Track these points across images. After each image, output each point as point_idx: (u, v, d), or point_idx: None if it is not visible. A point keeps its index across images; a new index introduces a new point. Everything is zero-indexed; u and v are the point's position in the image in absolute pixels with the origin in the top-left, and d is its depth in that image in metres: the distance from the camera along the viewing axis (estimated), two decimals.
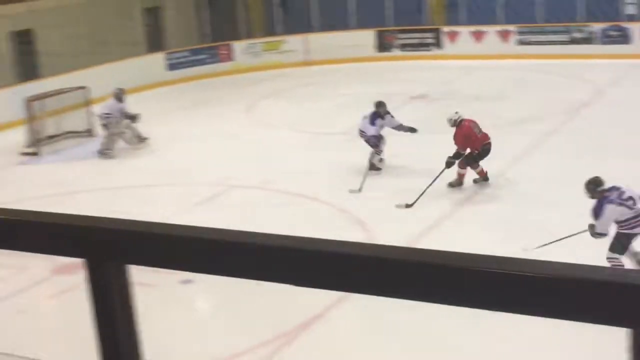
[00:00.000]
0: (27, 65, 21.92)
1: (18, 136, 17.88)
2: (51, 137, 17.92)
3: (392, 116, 14.25)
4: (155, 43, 26.23)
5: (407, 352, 8.08)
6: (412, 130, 14.29)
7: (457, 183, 12.94)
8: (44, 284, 10.57)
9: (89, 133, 18.47)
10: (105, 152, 16.69)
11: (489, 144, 12.87)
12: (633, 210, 9.00)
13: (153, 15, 26.97)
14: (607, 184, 9.16)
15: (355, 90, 21.07)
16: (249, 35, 27.81)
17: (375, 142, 13.90)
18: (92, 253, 1.26)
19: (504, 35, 24.90)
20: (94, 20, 23.95)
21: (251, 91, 22.62)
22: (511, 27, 24.81)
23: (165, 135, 17.43)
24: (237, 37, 27.03)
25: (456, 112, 13.10)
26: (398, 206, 12.17)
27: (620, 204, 8.98)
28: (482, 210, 12.08)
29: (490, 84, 20.81)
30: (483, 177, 13.02)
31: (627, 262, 9.19)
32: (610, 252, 9.09)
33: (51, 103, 18.13)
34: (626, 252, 9.18)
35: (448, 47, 25.56)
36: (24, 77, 21.80)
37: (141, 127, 16.95)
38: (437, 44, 25.79)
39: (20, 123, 18.20)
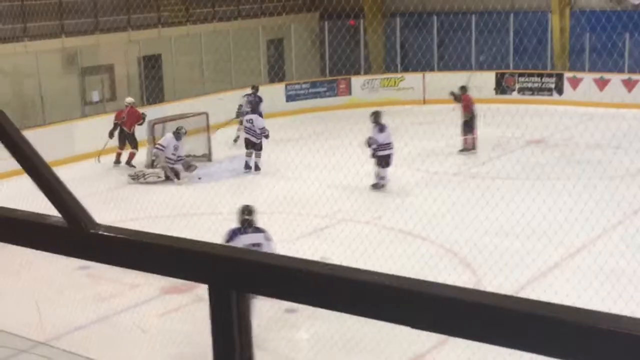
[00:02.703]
0: (153, 89, 22.74)
1: (141, 156, 18.54)
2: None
3: None
4: (276, 74, 26.78)
5: None
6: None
7: None
8: (154, 302, 10.87)
9: (206, 157, 18.96)
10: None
11: None
12: None
13: (276, 46, 27.56)
14: None
15: None
16: (368, 70, 28.04)
17: None
18: (216, 280, 1.32)
19: (629, 84, 24.24)
20: (219, 49, 24.67)
21: (367, 126, 22.70)
22: (636, 76, 24.13)
23: (279, 165, 17.72)
24: (356, 72, 27.28)
25: None
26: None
27: None
28: (594, 262, 11.74)
29: (612, 132, 20.25)
30: None
31: None
32: None
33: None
34: None
35: (569, 93, 25.06)
36: (150, 100, 22.61)
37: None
38: (559, 89, 25.33)
39: (144, 144, 18.86)
